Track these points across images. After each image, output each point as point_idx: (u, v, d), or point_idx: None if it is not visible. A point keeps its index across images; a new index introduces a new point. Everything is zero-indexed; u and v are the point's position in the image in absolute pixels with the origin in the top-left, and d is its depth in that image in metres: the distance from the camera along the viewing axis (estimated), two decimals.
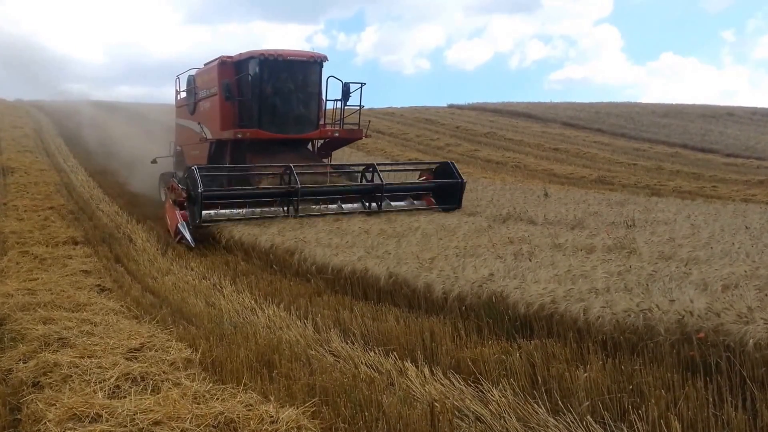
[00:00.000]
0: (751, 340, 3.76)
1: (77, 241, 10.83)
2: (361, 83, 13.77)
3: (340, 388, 4.28)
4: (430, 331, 5.36)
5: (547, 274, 5.93)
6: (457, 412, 3.95)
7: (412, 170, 15.64)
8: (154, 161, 17.06)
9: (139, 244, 11.10)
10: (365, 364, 4.92)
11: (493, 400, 3.98)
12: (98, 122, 28.14)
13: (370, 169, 12.62)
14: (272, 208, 11.48)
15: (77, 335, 5.39)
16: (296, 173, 11.35)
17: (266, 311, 6.61)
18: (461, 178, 12.97)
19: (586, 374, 4.00)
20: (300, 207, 11.34)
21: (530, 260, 6.77)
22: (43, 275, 8.17)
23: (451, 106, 45.22)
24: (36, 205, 13.94)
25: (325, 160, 14.68)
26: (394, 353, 5.00)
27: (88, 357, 4.78)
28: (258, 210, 11.41)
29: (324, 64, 13.72)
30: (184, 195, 11.14)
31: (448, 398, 4.11)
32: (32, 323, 5.77)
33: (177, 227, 11.05)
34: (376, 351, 5.15)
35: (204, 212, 10.82)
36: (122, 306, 6.84)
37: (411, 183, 13.90)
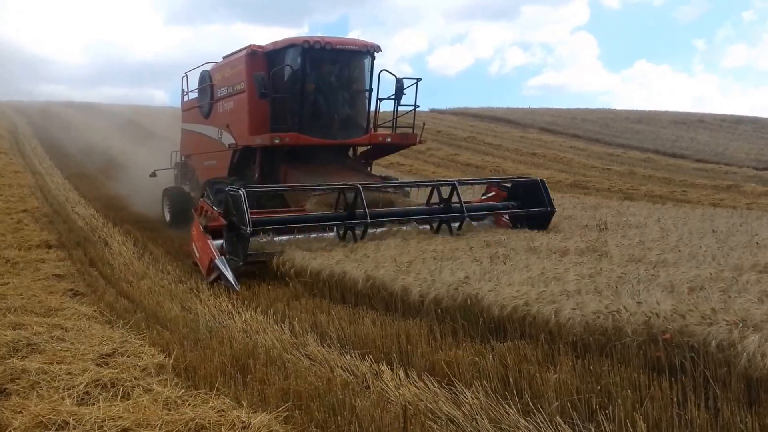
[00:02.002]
0: (714, 341, 3.85)
1: (51, 244, 10.68)
2: (417, 78, 11.58)
3: (314, 391, 4.29)
4: (406, 333, 5.40)
5: (521, 276, 6.00)
6: (430, 414, 3.99)
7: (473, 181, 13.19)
8: (153, 174, 15.40)
9: (114, 248, 10.98)
10: (341, 367, 4.94)
11: (466, 402, 4.02)
12: (76, 124, 27.86)
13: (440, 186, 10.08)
14: (327, 234, 9.16)
15: (47, 341, 5.33)
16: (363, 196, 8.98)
17: (243, 315, 6.59)
18: (552, 206, 10.18)
19: (556, 375, 4.07)
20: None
21: (505, 263, 6.84)
22: (14, 279, 8.05)
23: (432, 111, 45.48)
24: (9, 208, 13.73)
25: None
26: (370, 356, 5.03)
27: (58, 363, 4.73)
28: (312, 236, 9.11)
29: (376, 55, 11.46)
30: (222, 220, 8.72)
31: (422, 400, 4.15)
32: (1, 329, 5.68)
33: (213, 263, 8.27)
34: (352, 354, 5.17)
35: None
36: (95, 311, 6.77)
37: (489, 203, 10.95)
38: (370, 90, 11.57)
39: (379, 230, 9.34)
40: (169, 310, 7.05)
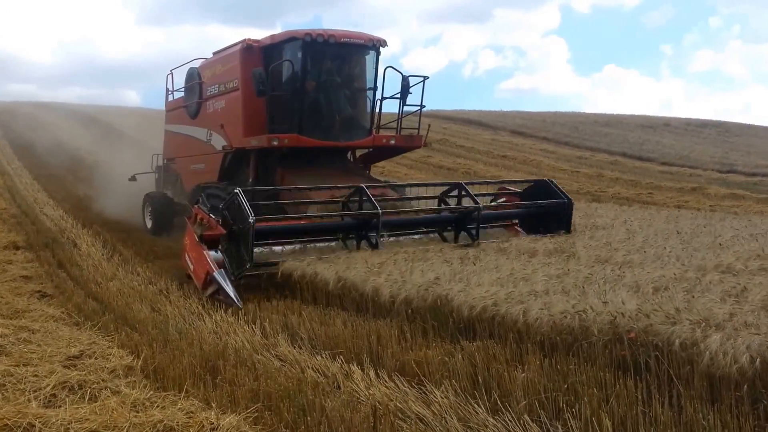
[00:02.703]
0: (677, 340, 3.94)
1: (18, 245, 10.51)
2: (424, 77, 10.77)
3: (284, 392, 4.29)
4: (377, 334, 5.43)
5: (490, 277, 6.07)
6: (400, 414, 4.01)
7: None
8: (132, 178, 14.55)
9: (83, 249, 10.81)
10: (312, 368, 4.94)
11: (436, 402, 4.05)
12: (45, 124, 27.38)
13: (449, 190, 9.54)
14: (333, 243, 8.53)
15: (13, 343, 5.24)
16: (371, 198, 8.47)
17: (213, 317, 6.55)
18: (567, 197, 9.83)
19: (524, 374, 4.13)
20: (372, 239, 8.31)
21: (475, 264, 6.91)
22: None
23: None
24: None
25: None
26: (341, 357, 5.04)
27: (24, 365, 4.66)
28: (319, 245, 8.45)
29: (381, 50, 10.60)
30: (222, 229, 7.88)
31: (392, 400, 4.17)
32: None
33: (211, 277, 7.48)
34: (323, 355, 5.18)
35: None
36: (63, 312, 6.68)
37: (504, 204, 10.30)
38: (375, 88, 10.76)
39: (392, 238, 8.79)
40: (139, 312, 6.97)
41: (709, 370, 3.73)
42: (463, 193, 9.31)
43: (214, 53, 11.92)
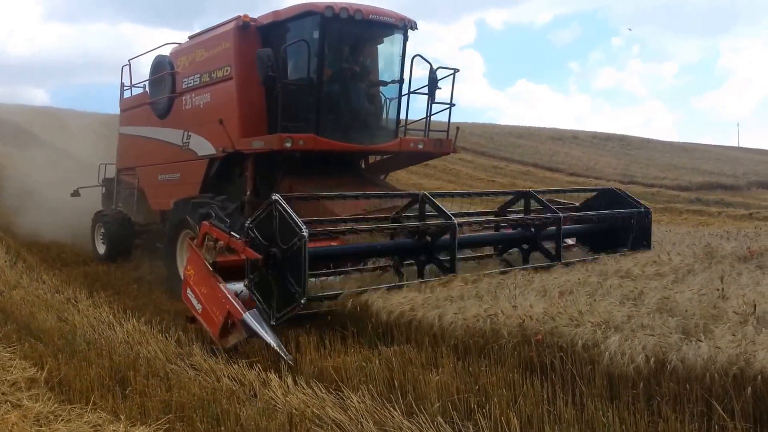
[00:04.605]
0: (580, 341, 4.16)
1: None
2: (454, 69, 9.05)
3: (198, 402, 4.23)
4: (296, 341, 5.42)
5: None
6: (317, 420, 4.03)
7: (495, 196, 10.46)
8: (75, 193, 12.30)
9: None
10: (228, 376, 4.88)
11: (352, 406, 4.10)
12: None
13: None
14: (386, 270, 6.75)
15: None
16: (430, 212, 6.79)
17: (125, 326, 6.35)
18: (643, 206, 8.43)
19: (438, 377, 4.24)
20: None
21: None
22: None
23: None
24: None
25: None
26: (259, 365, 5.00)
27: None
28: (372, 273, 6.70)
29: (409, 34, 8.75)
30: (253, 252, 5.74)
31: (309, 407, 4.19)
32: None
33: (240, 321, 5.52)
34: (240, 363, 5.12)
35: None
36: None
37: (583, 214, 8.37)
38: (401, 80, 8.92)
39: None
40: (44, 322, 6.65)
41: (609, 369, 3.95)
42: (533, 203, 7.70)
43: (191, 37, 9.94)
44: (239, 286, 5.89)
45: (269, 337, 5.35)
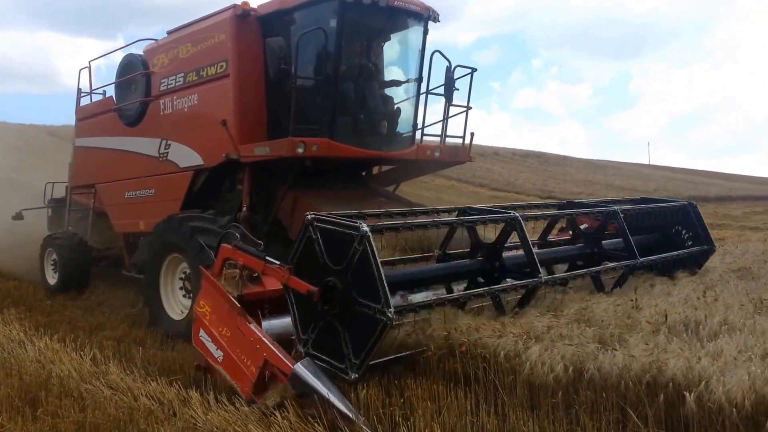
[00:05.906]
0: (502, 352, 4.25)
1: None
2: (472, 68, 8.14)
3: (113, 423, 4.08)
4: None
5: None
6: None
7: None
8: (18, 216, 10.84)
9: None
10: (146, 395, 4.71)
11: (276, 423, 4.03)
12: None
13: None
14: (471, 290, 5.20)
15: None
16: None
17: (37, 344, 6.04)
18: (710, 242, 6.93)
19: (365, 390, 4.23)
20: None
21: None
22: None
23: None
24: None
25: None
26: (179, 382, 4.85)
27: None
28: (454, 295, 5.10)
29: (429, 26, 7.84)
30: (302, 283, 4.43)
31: (231, 424, 4.09)
32: None
33: (290, 375, 4.18)
34: (159, 381, 4.96)
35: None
36: None
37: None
38: (420, 79, 7.98)
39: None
40: None
41: (530, 378, 4.06)
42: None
43: (170, 32, 8.59)
44: (277, 323, 4.79)
45: (333, 396, 3.99)
